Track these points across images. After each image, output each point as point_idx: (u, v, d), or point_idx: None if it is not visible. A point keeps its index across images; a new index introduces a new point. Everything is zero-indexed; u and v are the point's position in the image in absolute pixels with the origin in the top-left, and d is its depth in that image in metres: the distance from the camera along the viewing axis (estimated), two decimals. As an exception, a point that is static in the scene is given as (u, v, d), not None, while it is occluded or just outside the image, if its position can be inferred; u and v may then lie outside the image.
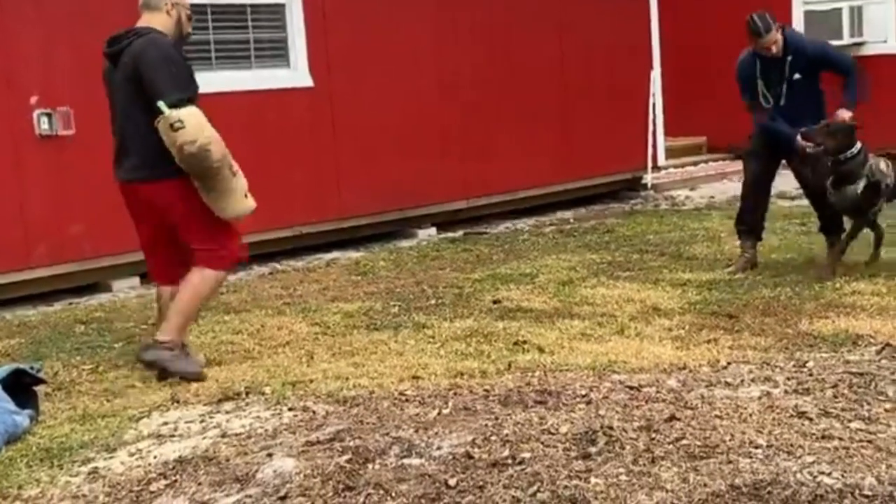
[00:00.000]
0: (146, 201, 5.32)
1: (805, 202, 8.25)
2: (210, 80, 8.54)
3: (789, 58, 7.13)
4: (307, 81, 9.13)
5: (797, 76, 7.15)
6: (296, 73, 9.12)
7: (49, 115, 7.66)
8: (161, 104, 5.02)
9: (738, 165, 13.45)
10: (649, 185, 12.25)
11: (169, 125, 5.02)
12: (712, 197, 11.69)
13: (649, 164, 12.11)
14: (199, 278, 5.33)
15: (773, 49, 7.13)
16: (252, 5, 8.90)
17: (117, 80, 5.27)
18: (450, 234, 9.87)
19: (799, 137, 6.98)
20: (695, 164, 13.87)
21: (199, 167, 5.10)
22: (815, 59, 7.18)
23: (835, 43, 11.24)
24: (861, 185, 6.85)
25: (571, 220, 10.58)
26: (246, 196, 5.34)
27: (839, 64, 7.23)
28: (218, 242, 5.37)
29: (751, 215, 7.56)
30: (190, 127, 5.03)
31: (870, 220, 7.14)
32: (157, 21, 5.35)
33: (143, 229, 5.51)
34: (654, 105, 12.06)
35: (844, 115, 6.99)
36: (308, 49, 9.11)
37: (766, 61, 7.20)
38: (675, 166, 13.44)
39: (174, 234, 5.39)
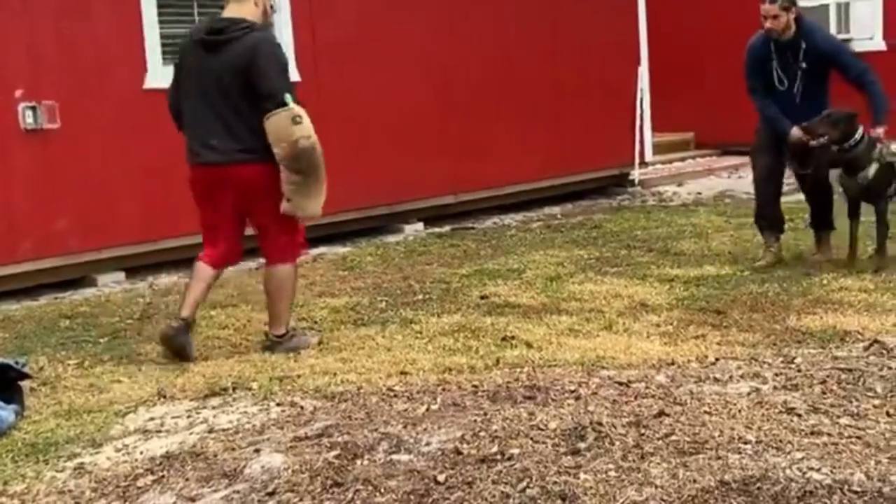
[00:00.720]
0: (232, 183, 5.47)
1: (792, 199, 8.28)
2: (197, 74, 8.53)
3: (803, 45, 7.12)
4: (294, 76, 9.07)
5: (805, 66, 7.12)
6: (283, 67, 9.06)
7: (34, 109, 7.61)
8: (288, 98, 5.31)
9: (726, 161, 13.55)
10: (636, 180, 12.26)
11: (291, 118, 5.30)
12: (699, 193, 11.71)
13: (636, 160, 12.13)
14: (287, 277, 5.68)
15: (769, 23, 7.11)
16: (239, 0, 8.85)
17: (215, 66, 5.39)
18: (437, 230, 9.85)
19: (796, 131, 7.01)
20: (682, 159, 13.90)
21: (307, 161, 5.37)
22: (825, 54, 7.12)
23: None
24: (873, 168, 6.86)
25: (559, 216, 10.58)
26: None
27: (849, 69, 7.12)
28: (294, 234, 5.68)
29: (769, 210, 7.53)
30: (306, 123, 5.34)
31: (886, 203, 7.05)
32: (246, 11, 5.51)
33: (213, 214, 5.65)
34: (641, 101, 12.06)
35: (880, 132, 6.91)
36: (295, 43, 9.07)
37: (780, 46, 7.18)
38: (663, 162, 13.46)
39: (243, 221, 5.64)
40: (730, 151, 13.89)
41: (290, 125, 5.30)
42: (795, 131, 7.07)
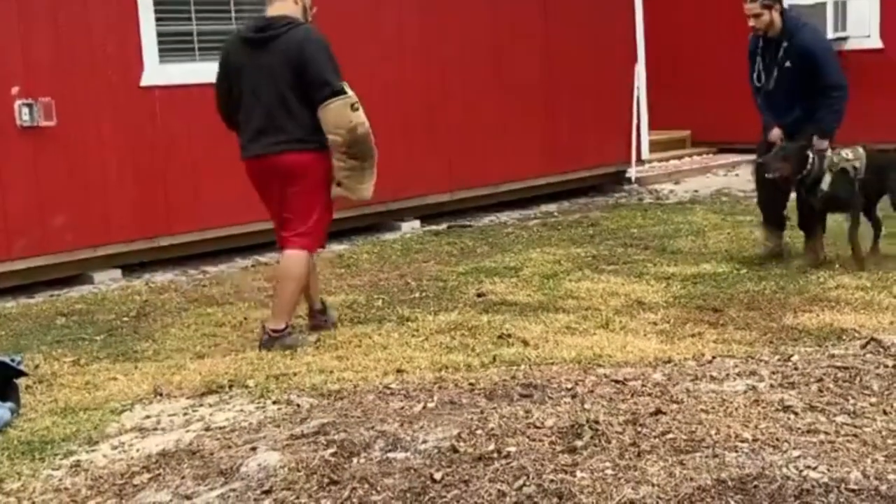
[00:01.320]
0: (282, 171, 5.65)
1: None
2: (193, 71, 8.52)
3: (785, 44, 7.12)
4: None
5: (788, 64, 7.13)
6: (279, 65, 9.05)
7: (30, 106, 7.60)
8: (346, 86, 5.57)
9: (722, 159, 13.55)
10: (633, 178, 12.25)
11: (349, 105, 5.55)
12: (696, 191, 11.70)
13: (633, 158, 12.12)
14: (297, 264, 5.75)
15: (752, 21, 7.15)
16: (236, -4, 8.85)
17: (264, 62, 5.60)
18: (434, 227, 9.84)
19: (776, 133, 7.14)
20: (679, 157, 13.89)
21: (363, 146, 5.60)
22: (806, 53, 7.09)
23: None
24: (827, 178, 6.91)
25: (556, 214, 10.58)
26: None
27: (822, 76, 7.07)
28: (320, 224, 5.82)
29: (770, 211, 7.55)
30: (361, 110, 5.60)
31: (859, 209, 7.08)
32: (288, 8, 5.73)
33: (274, 203, 5.85)
34: (638, 98, 12.06)
35: (822, 144, 6.99)
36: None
37: (767, 41, 7.20)
38: (660, 160, 13.45)
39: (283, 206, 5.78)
40: (726, 149, 13.89)
41: (349, 112, 5.55)
42: (775, 133, 7.14)
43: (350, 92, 5.58)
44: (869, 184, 6.99)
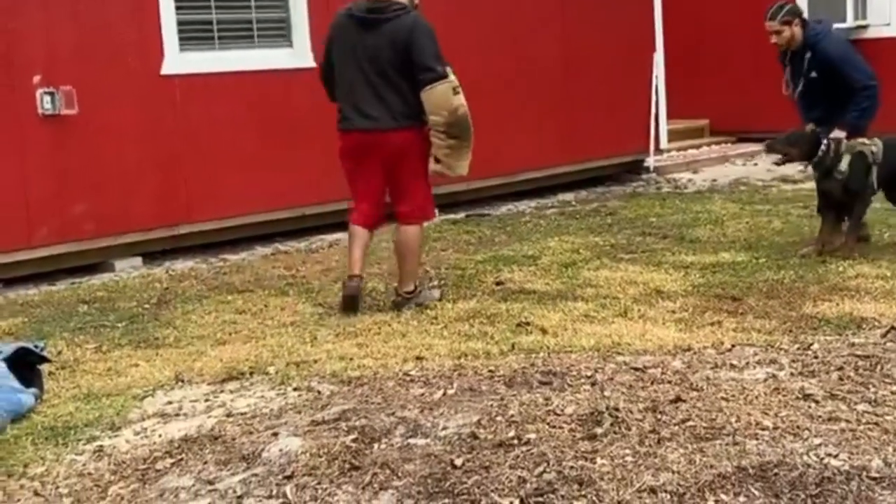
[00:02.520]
0: (388, 147, 6.05)
1: (808, 185, 8.26)
2: (213, 60, 8.56)
3: (808, 55, 7.20)
4: (309, 62, 9.08)
5: (814, 74, 7.24)
6: (298, 54, 9.08)
7: (52, 95, 7.64)
8: (450, 70, 5.99)
9: (741, 149, 13.51)
10: (651, 167, 12.22)
11: (452, 89, 5.96)
12: (715, 180, 11.67)
13: (651, 147, 12.09)
14: (415, 237, 6.27)
15: (773, 38, 7.31)
16: (255, -15, 8.88)
17: (372, 42, 5.99)
18: (451, 216, 9.84)
19: (765, 146, 7.34)
20: (697, 147, 13.85)
21: (463, 126, 6.01)
22: (830, 62, 7.18)
23: (838, 26, 11.21)
24: (845, 160, 6.96)
25: (573, 203, 10.57)
26: None
27: (847, 80, 7.16)
28: (428, 197, 6.28)
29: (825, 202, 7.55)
30: (462, 94, 6.00)
31: (868, 195, 7.11)
32: None
33: (368, 178, 6.19)
34: (656, 87, 12.02)
35: (838, 134, 7.09)
36: (310, 29, 9.06)
37: (792, 53, 7.34)
38: (678, 149, 13.41)
39: (385, 187, 6.23)
40: (745, 139, 13.84)
41: (451, 96, 5.96)
42: (809, 128, 7.21)
43: (453, 77, 5.98)
44: (886, 170, 7.00)
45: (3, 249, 7.53)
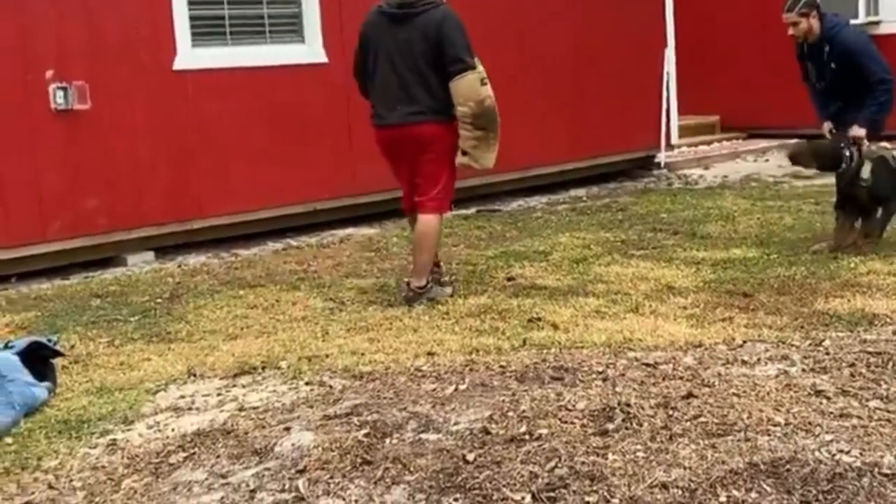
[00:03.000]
0: (417, 140, 6.17)
1: (819, 181, 8.24)
2: (225, 55, 8.57)
3: (826, 47, 7.19)
4: (321, 57, 9.12)
5: (833, 66, 7.20)
6: (310, 49, 9.10)
7: (64, 90, 7.67)
8: (478, 61, 6.11)
9: (752, 145, 13.49)
10: (662, 163, 12.22)
11: (480, 80, 6.07)
12: (726, 176, 11.66)
13: (663, 143, 12.08)
14: (431, 227, 6.28)
15: (790, 30, 7.26)
16: (267, -20, 8.89)
17: (404, 37, 6.13)
18: (462, 212, 9.85)
19: (826, 125, 7.23)
20: (708, 143, 13.84)
21: (490, 117, 6.11)
22: (848, 53, 7.13)
23: (851, 22, 11.16)
24: (867, 167, 6.97)
25: (585, 198, 10.57)
26: None
27: (864, 72, 7.12)
28: (448, 189, 6.34)
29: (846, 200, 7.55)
30: (489, 85, 6.09)
31: (892, 196, 7.12)
32: None
33: (404, 169, 6.38)
34: (667, 83, 12.01)
35: (858, 132, 7.07)
36: (322, 25, 9.08)
37: (810, 45, 7.30)
38: (689, 145, 13.41)
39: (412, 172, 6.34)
40: (756, 135, 13.83)
41: (479, 86, 6.06)
42: (826, 126, 7.21)
43: (480, 67, 6.09)
44: None
45: (17, 243, 7.56)
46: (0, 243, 7.49)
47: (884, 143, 7.09)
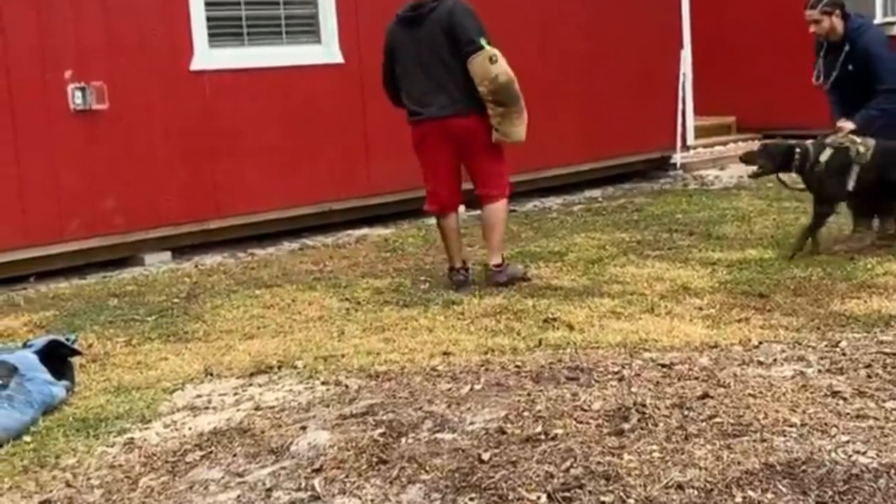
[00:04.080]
0: (455, 133, 6.41)
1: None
2: (242, 56, 8.61)
3: (846, 48, 7.14)
4: (338, 58, 9.14)
5: (850, 68, 7.15)
6: (326, 50, 9.13)
7: (83, 90, 7.71)
8: (483, 41, 6.28)
9: (768, 145, 13.44)
10: (678, 164, 12.20)
11: (488, 58, 6.25)
12: (741, 177, 11.59)
13: (678, 144, 12.06)
14: (501, 211, 6.63)
15: (812, 28, 7.21)
16: (283, -19, 8.91)
17: (422, 35, 6.36)
18: (478, 212, 9.83)
19: (841, 123, 7.12)
20: (724, 143, 13.79)
21: (507, 93, 6.29)
22: (865, 56, 7.09)
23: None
24: (826, 152, 6.92)
25: (600, 199, 10.56)
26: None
27: (876, 79, 7.07)
28: (504, 174, 6.63)
29: (854, 198, 7.51)
30: (501, 61, 6.28)
31: (840, 194, 7.04)
32: None
33: (441, 162, 6.55)
34: (683, 84, 11.99)
35: (846, 125, 7.05)
36: (339, 25, 9.11)
37: (830, 44, 7.25)
38: (704, 146, 13.37)
39: (459, 170, 6.61)
40: (772, 135, 13.74)
41: (489, 64, 6.24)
42: (840, 123, 7.14)
43: (488, 47, 6.25)
44: (871, 172, 6.89)
45: (36, 243, 7.61)
46: (19, 243, 7.54)
47: (852, 137, 6.99)
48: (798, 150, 7.02)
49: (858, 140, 6.93)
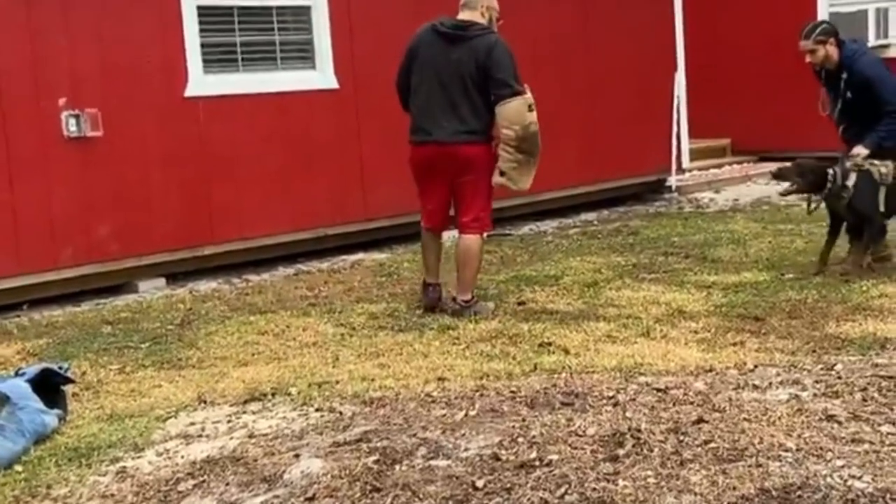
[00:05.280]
0: (460, 159, 6.40)
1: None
2: (236, 82, 8.62)
3: (844, 75, 7.17)
4: (332, 83, 9.16)
5: (850, 95, 7.19)
6: (321, 75, 9.14)
7: (77, 117, 7.71)
8: (527, 87, 6.31)
9: (763, 168, 13.46)
10: (673, 187, 12.22)
11: (528, 105, 6.30)
12: (736, 199, 11.64)
13: (673, 166, 12.08)
14: (475, 245, 6.57)
15: (807, 58, 7.25)
16: (278, 7, 8.93)
17: (455, 57, 6.35)
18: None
19: (773, 171, 7.33)
20: (719, 166, 13.83)
21: (534, 141, 6.34)
22: (865, 81, 7.12)
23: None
24: (852, 177, 6.95)
25: (595, 222, 10.57)
26: None
27: (878, 100, 7.10)
28: (488, 209, 6.61)
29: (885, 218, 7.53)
30: (535, 111, 6.32)
31: (878, 216, 7.08)
32: (476, 17, 6.50)
33: (438, 187, 6.57)
34: (678, 107, 12.02)
35: (861, 151, 7.06)
36: (333, 51, 9.13)
37: (828, 72, 7.30)
38: (699, 168, 13.40)
39: (453, 193, 6.57)
40: (767, 158, 13.81)
41: (527, 111, 6.29)
42: (855, 150, 7.12)
43: (529, 94, 6.30)
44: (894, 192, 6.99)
45: (29, 270, 7.59)
46: (12, 270, 7.52)
47: (872, 160, 7.02)
48: (832, 172, 7.02)
49: (877, 162, 6.97)
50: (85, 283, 7.91)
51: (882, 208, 7.04)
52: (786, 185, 7.23)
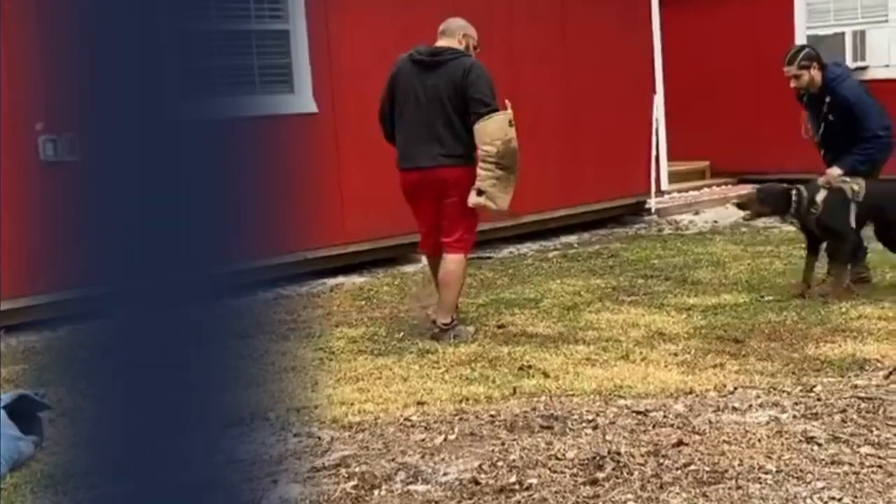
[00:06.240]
0: (443, 182, 6.46)
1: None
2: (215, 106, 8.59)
3: (827, 98, 7.24)
4: (311, 107, 9.16)
5: (832, 118, 7.25)
6: (300, 99, 9.14)
7: (54, 142, 7.67)
8: (508, 103, 6.42)
9: (742, 190, 13.49)
10: (653, 209, 12.24)
11: (508, 121, 6.37)
12: (716, 221, 11.68)
13: (653, 189, 12.11)
14: (457, 266, 6.59)
15: (792, 83, 7.32)
16: (256, 31, 8.93)
17: (431, 83, 6.44)
18: (479, 254, 9.83)
19: (735, 201, 7.44)
20: (698, 188, 13.88)
21: (512, 158, 6.40)
22: (847, 104, 7.17)
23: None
24: (821, 194, 6.99)
25: (575, 245, 10.58)
26: None
27: (859, 124, 7.15)
28: (472, 230, 6.68)
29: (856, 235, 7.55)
30: (514, 126, 6.39)
31: (848, 232, 7.11)
32: (453, 44, 6.59)
33: (427, 211, 6.66)
34: (656, 129, 12.07)
35: (835, 171, 7.12)
36: (312, 75, 9.14)
37: (811, 95, 7.37)
38: (679, 191, 13.45)
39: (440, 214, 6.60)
40: (746, 180, 13.87)
41: (507, 127, 6.37)
42: (830, 171, 7.17)
43: (510, 111, 6.40)
44: (865, 210, 7.05)
45: (6, 296, 7.53)
46: (-12, 296, 7.46)
47: (843, 178, 7.08)
48: (795, 192, 7.06)
49: (849, 180, 7.02)
50: (62, 308, 7.83)
51: (854, 225, 7.07)
52: (747, 214, 7.33)
